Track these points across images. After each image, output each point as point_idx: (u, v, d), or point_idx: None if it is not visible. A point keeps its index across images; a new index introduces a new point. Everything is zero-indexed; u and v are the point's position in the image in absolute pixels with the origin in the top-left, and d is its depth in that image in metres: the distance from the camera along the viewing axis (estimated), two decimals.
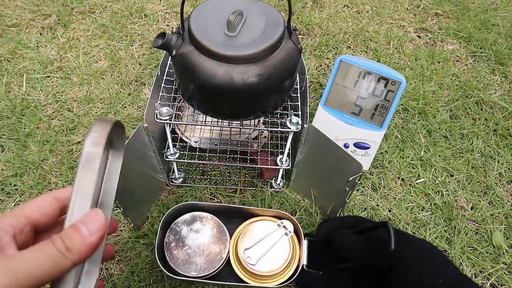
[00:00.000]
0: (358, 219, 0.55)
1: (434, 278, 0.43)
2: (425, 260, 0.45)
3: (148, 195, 0.65)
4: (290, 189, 0.69)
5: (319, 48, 0.96)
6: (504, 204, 0.70)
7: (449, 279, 0.43)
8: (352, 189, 0.55)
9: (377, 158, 0.74)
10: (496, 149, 0.78)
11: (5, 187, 0.67)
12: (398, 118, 0.82)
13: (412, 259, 0.45)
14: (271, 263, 0.54)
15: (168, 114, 0.54)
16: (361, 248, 0.48)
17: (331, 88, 0.69)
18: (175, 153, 0.63)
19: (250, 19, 0.50)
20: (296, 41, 0.52)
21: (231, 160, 0.72)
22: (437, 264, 0.44)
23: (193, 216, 0.58)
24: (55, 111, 0.79)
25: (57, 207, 0.32)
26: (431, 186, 0.72)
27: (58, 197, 0.33)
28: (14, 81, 0.83)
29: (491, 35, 1.02)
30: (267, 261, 0.54)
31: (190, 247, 0.55)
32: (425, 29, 1.04)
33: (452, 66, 0.94)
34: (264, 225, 0.57)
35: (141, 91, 0.84)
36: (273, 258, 0.54)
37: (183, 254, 0.55)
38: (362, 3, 1.09)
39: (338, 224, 0.54)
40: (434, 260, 0.45)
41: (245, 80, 0.47)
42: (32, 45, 0.91)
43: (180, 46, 0.49)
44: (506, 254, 0.64)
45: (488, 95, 0.87)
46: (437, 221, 0.67)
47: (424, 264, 0.44)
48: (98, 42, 0.93)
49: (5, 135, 0.74)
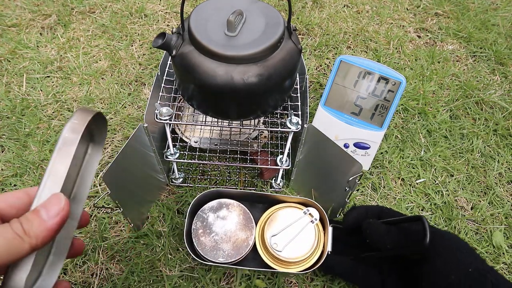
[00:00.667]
0: (383, 209, 0.56)
1: (463, 268, 0.44)
2: (453, 250, 0.46)
3: (148, 195, 0.65)
4: (290, 189, 0.69)
5: (319, 48, 0.96)
6: (504, 204, 0.70)
7: (476, 269, 0.44)
8: (352, 189, 0.55)
9: (377, 158, 0.74)
10: (496, 149, 0.78)
11: (5, 187, 0.67)
12: (398, 118, 0.82)
13: (442, 248, 0.46)
14: (297, 249, 0.55)
15: (168, 114, 0.54)
16: (393, 239, 0.49)
17: (331, 88, 0.69)
18: (175, 153, 0.63)
19: (250, 19, 0.50)
20: (296, 41, 0.52)
21: (231, 160, 0.72)
22: (464, 254, 0.45)
23: (219, 203, 0.59)
24: (55, 111, 0.79)
25: (27, 201, 0.32)
26: (431, 186, 0.72)
27: (30, 193, 0.33)
28: (14, 81, 0.83)
29: (491, 35, 1.02)
30: (293, 248, 0.55)
31: (217, 234, 0.56)
32: (425, 29, 1.04)
33: (452, 66, 0.94)
34: (290, 212, 0.58)
35: (141, 91, 0.84)
36: (299, 245, 0.55)
37: (210, 240, 0.56)
38: (362, 3, 1.09)
39: (365, 213, 0.55)
40: (461, 250, 0.46)
41: (245, 80, 0.47)
42: (32, 45, 0.91)
43: (180, 46, 0.49)
44: (506, 254, 0.64)
45: (488, 95, 0.87)
46: (437, 221, 0.67)
47: (452, 254, 0.45)
48: (98, 42, 0.93)
49: (5, 135, 0.74)
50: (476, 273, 0.43)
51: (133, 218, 0.58)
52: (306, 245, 0.55)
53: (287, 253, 0.55)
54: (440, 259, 0.45)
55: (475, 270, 0.44)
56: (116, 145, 0.74)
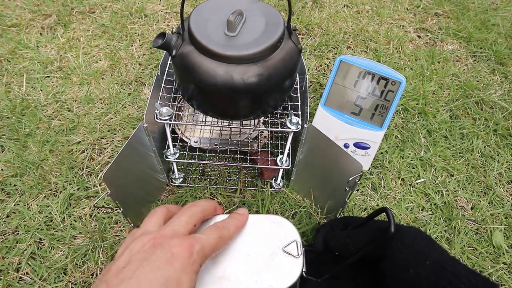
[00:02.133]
0: (346, 219, 0.56)
1: (421, 261, 0.44)
2: (412, 244, 0.45)
3: (148, 195, 0.65)
4: (290, 189, 0.69)
5: (319, 48, 0.96)
6: (504, 204, 0.70)
7: (435, 261, 0.44)
8: (352, 189, 0.55)
9: (377, 158, 0.74)
10: (496, 149, 0.78)
11: (5, 187, 0.67)
12: (398, 118, 0.82)
13: (401, 242, 0.46)
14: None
15: (168, 114, 0.54)
16: (356, 241, 0.48)
17: (331, 88, 0.69)
18: (175, 153, 0.63)
19: (250, 19, 0.50)
20: (296, 41, 0.52)
21: (231, 160, 0.72)
22: (424, 247, 0.45)
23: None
24: (55, 111, 0.79)
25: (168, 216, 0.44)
26: (431, 186, 0.72)
27: (170, 209, 0.45)
28: (14, 81, 0.83)
29: (491, 35, 1.02)
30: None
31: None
32: (425, 29, 1.04)
33: (452, 66, 0.94)
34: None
35: (141, 91, 0.84)
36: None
37: None
38: (362, 3, 1.09)
39: (330, 229, 0.55)
40: (421, 243, 0.46)
41: (245, 80, 0.47)
42: (32, 45, 0.91)
43: (180, 46, 0.49)
44: (506, 254, 0.64)
45: (488, 95, 0.87)
46: (437, 221, 0.67)
47: (411, 248, 0.45)
48: (98, 42, 0.93)
49: (5, 135, 0.74)
50: (435, 265, 0.43)
51: (133, 218, 0.58)
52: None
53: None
54: (399, 253, 0.45)
55: (434, 262, 0.43)
56: (116, 145, 0.74)
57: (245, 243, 0.49)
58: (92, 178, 0.69)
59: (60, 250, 0.60)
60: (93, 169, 0.70)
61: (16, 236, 0.61)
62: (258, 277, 0.46)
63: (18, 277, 0.57)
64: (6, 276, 0.57)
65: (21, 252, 0.60)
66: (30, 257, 0.59)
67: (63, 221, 0.63)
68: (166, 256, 0.35)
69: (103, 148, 0.73)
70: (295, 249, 0.49)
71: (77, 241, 0.61)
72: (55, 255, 0.59)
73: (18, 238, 0.61)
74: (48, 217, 0.63)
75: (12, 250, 0.60)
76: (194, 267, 0.37)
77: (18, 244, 0.60)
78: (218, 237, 0.42)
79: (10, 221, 0.63)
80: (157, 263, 0.35)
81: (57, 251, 0.60)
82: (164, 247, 0.36)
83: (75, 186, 0.67)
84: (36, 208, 0.64)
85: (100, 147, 0.73)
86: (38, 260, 0.59)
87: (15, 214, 0.64)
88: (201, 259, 0.38)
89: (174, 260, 0.35)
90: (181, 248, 0.36)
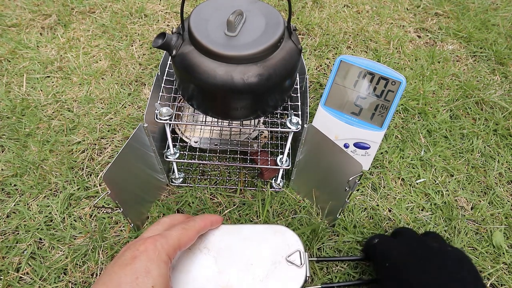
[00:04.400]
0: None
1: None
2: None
3: (148, 195, 0.65)
4: (290, 189, 0.69)
5: (319, 48, 0.96)
6: (504, 204, 0.70)
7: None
8: (352, 189, 0.55)
9: (377, 158, 0.74)
10: (496, 149, 0.78)
11: (5, 187, 0.67)
12: (398, 118, 0.82)
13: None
14: None
15: (168, 114, 0.54)
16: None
17: (331, 88, 0.69)
18: (175, 153, 0.63)
19: (250, 19, 0.50)
20: (296, 41, 0.52)
21: (231, 160, 0.72)
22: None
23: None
24: (55, 111, 0.79)
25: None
26: (431, 186, 0.72)
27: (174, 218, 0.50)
28: (14, 81, 0.83)
29: (491, 35, 1.02)
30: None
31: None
32: (425, 29, 1.04)
33: (452, 66, 0.94)
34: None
35: (141, 91, 0.84)
36: None
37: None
38: (362, 3, 1.09)
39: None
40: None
41: (245, 80, 0.47)
42: (32, 45, 0.91)
43: (180, 46, 0.49)
44: (506, 254, 0.64)
45: (488, 95, 0.87)
46: (437, 221, 0.67)
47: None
48: (98, 42, 0.93)
49: (5, 135, 0.74)
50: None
51: (133, 218, 0.58)
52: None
53: None
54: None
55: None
56: (116, 145, 0.74)
57: (248, 253, 0.50)
58: (92, 178, 0.69)
59: (60, 250, 0.60)
60: (93, 169, 0.70)
61: (16, 236, 0.61)
62: (261, 286, 0.47)
63: (18, 277, 0.57)
64: (6, 276, 0.57)
65: (21, 252, 0.60)
66: (30, 257, 0.59)
67: (63, 221, 0.63)
68: (133, 254, 0.41)
69: (103, 148, 0.73)
70: (298, 259, 0.50)
71: (77, 241, 0.61)
72: (55, 255, 0.59)
73: (18, 238, 0.61)
74: (48, 217, 0.63)
75: (12, 250, 0.60)
76: (161, 256, 0.41)
77: (18, 244, 0.60)
78: (182, 228, 0.46)
79: (10, 221, 0.63)
80: (124, 261, 0.40)
81: (57, 251, 0.60)
82: (131, 249, 0.41)
83: (75, 186, 0.67)
84: (36, 208, 0.64)
85: (100, 147, 0.73)
86: (38, 260, 0.59)
87: (15, 214, 0.64)
88: (166, 249, 0.42)
89: (140, 254, 0.40)
90: (145, 245, 0.41)
